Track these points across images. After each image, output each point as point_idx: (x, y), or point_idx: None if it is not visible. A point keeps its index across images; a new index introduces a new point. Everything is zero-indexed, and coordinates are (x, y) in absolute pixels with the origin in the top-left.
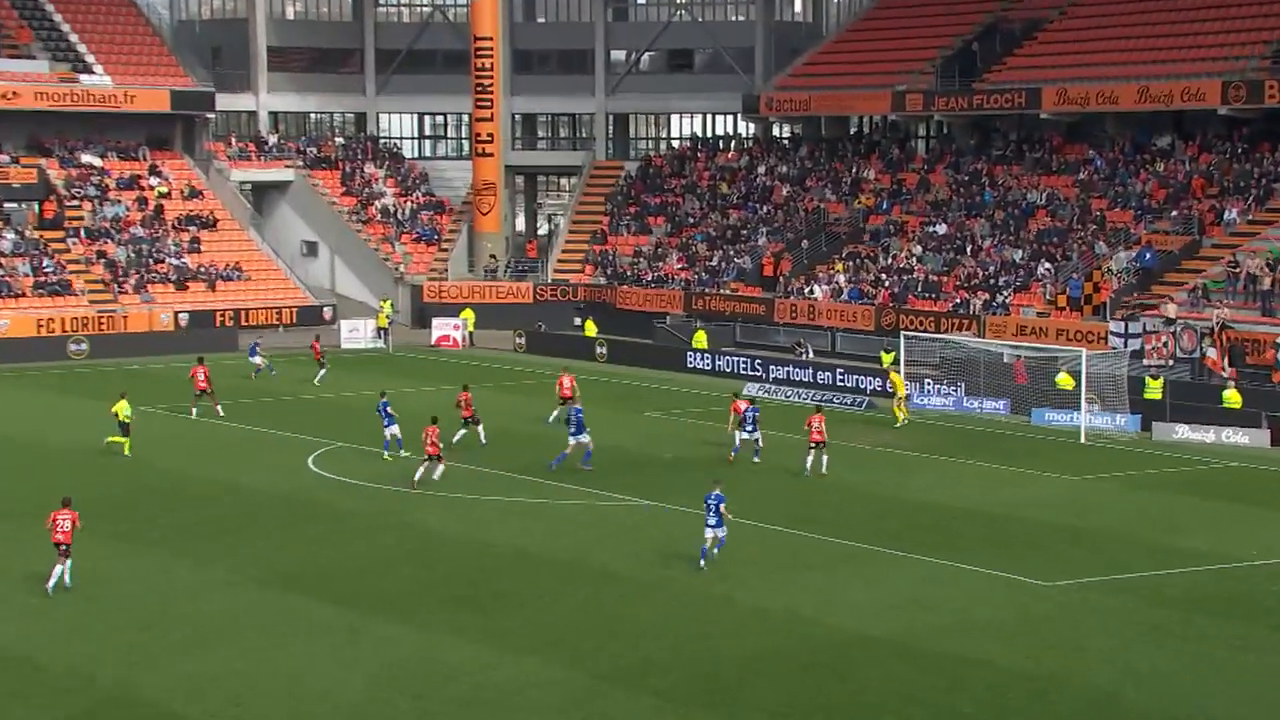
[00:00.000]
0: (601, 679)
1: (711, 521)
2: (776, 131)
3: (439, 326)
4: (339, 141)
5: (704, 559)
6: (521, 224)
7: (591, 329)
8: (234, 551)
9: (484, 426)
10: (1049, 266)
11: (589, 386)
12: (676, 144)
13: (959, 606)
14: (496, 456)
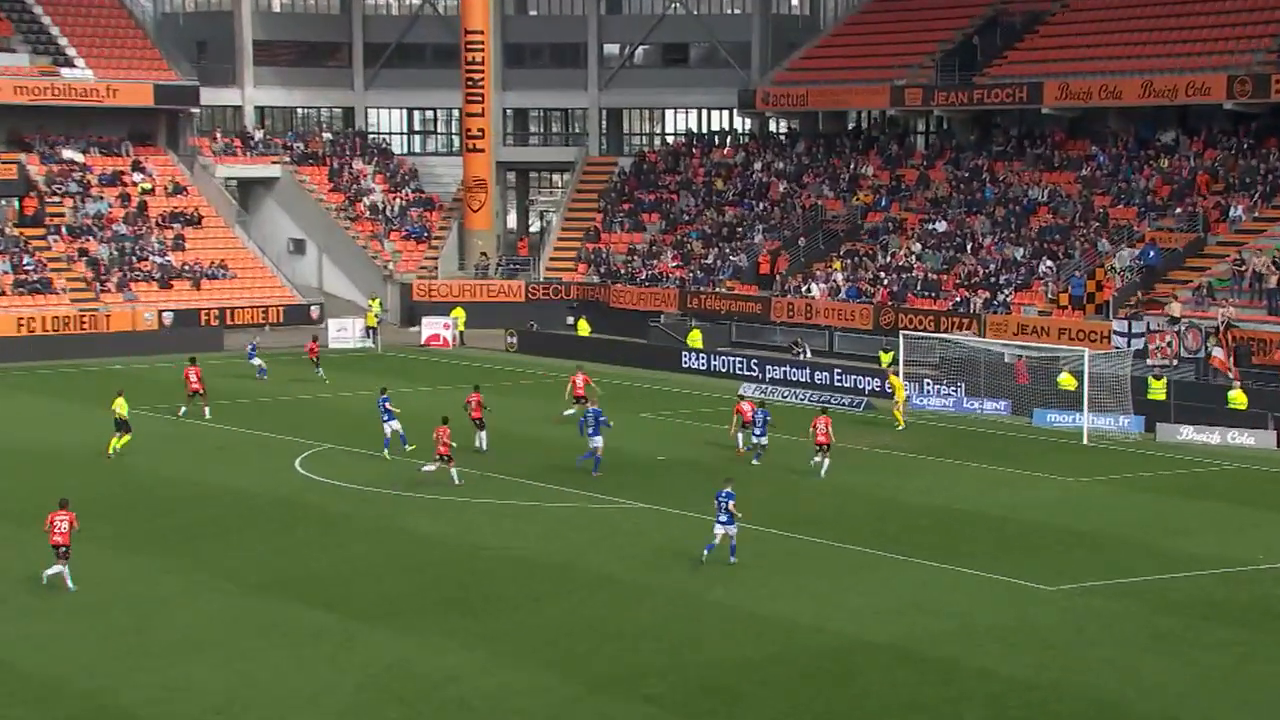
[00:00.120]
0: (594, 685)
1: (722, 519)
2: (773, 127)
3: (429, 326)
4: (327, 137)
5: (706, 552)
6: (513, 221)
7: (584, 328)
8: (220, 555)
9: (484, 431)
10: (1051, 264)
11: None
12: (671, 140)
13: (960, 611)
14: (488, 459)
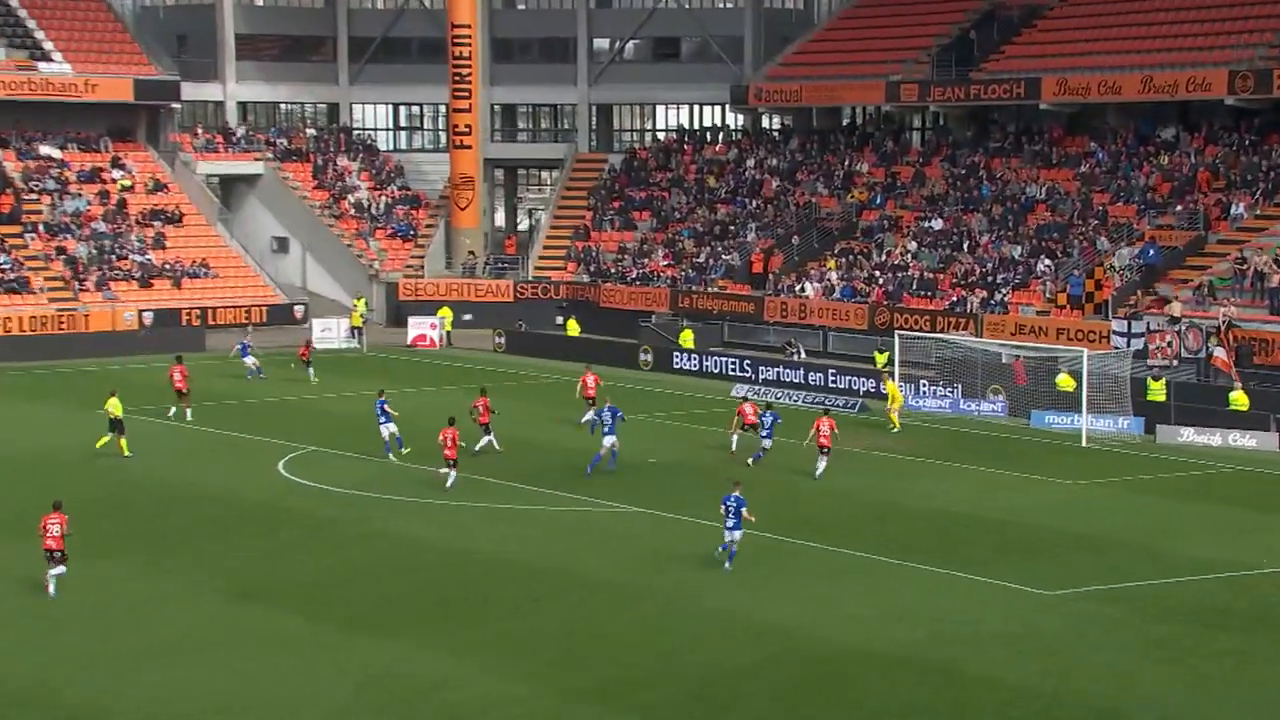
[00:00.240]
0: (587, 692)
1: (730, 524)
2: (766, 123)
3: (415, 326)
4: (310, 133)
5: (729, 561)
6: (501, 219)
7: (574, 328)
8: (203, 560)
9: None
10: (1049, 263)
11: (566, 387)
12: (662, 136)
13: (959, 617)
14: (477, 461)
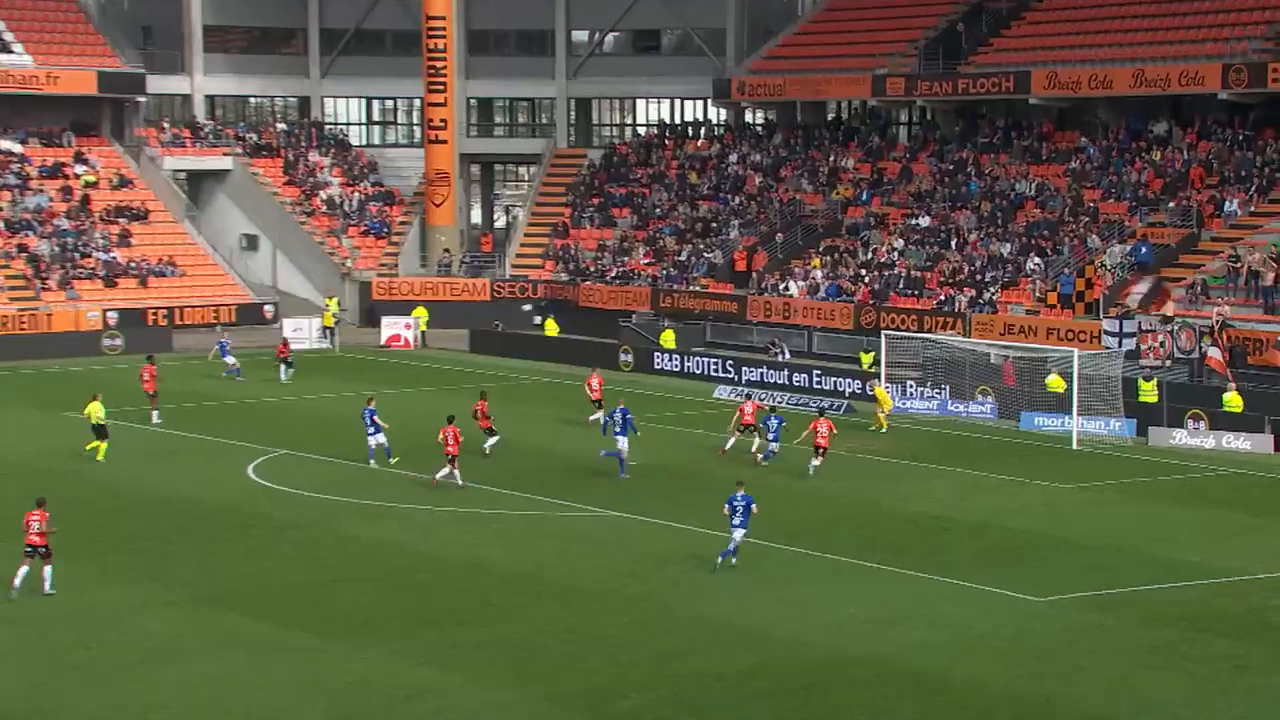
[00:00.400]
0: (565, 701)
1: (736, 521)
2: (749, 117)
3: (389, 325)
4: (281, 128)
5: (734, 559)
6: (477, 216)
7: (552, 328)
8: (171, 567)
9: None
10: (1039, 261)
11: (549, 388)
12: (643, 131)
13: (946, 623)
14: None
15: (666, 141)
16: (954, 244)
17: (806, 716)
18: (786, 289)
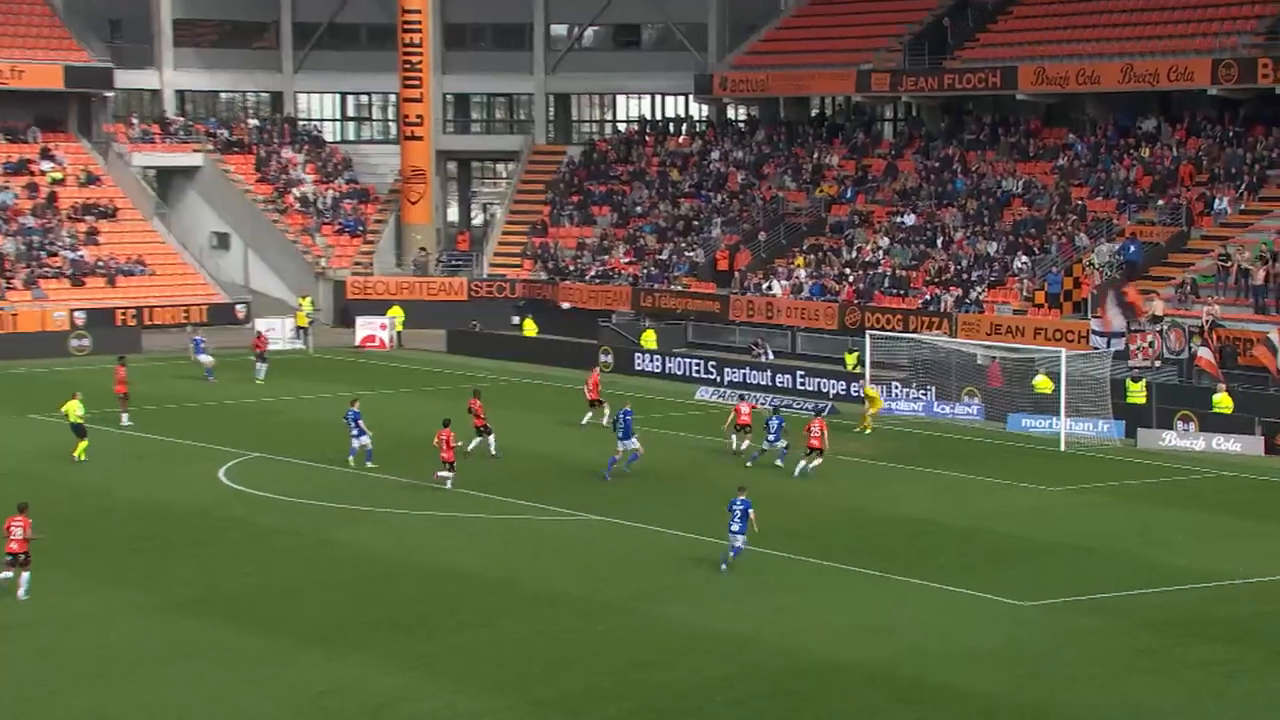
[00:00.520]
0: (543, 709)
1: (735, 528)
2: (731, 114)
3: (364, 326)
4: (253, 123)
5: (724, 563)
6: (454, 214)
7: (531, 328)
8: (140, 573)
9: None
10: (1026, 260)
11: (526, 390)
12: (623, 127)
13: (932, 629)
14: (428, 466)
15: (647, 138)
16: (940, 242)
17: None
18: (769, 288)
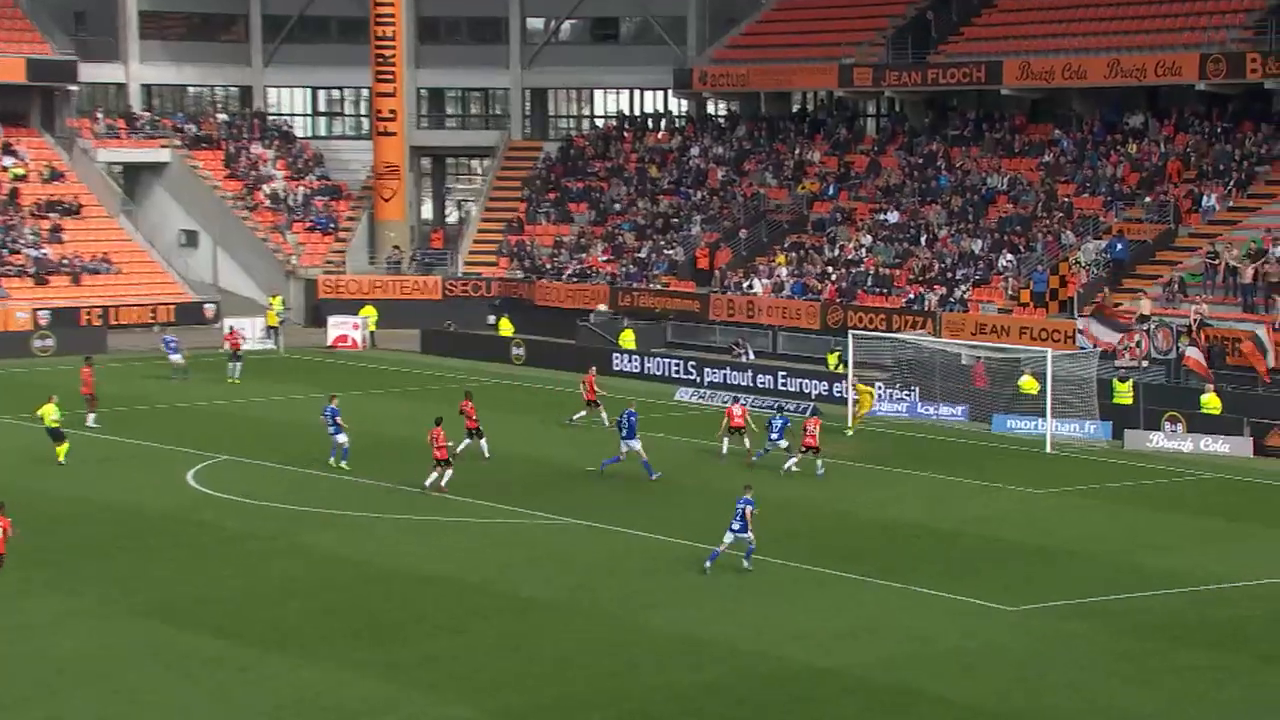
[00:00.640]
0: (525, 714)
1: (735, 526)
2: (711, 109)
3: (336, 325)
4: (221, 118)
5: (710, 561)
6: (428, 211)
7: (507, 328)
8: (104, 578)
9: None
10: (1011, 258)
11: (503, 391)
12: (601, 123)
13: (913, 635)
14: (402, 470)
15: (625, 134)
16: (924, 240)
17: None
18: (750, 287)
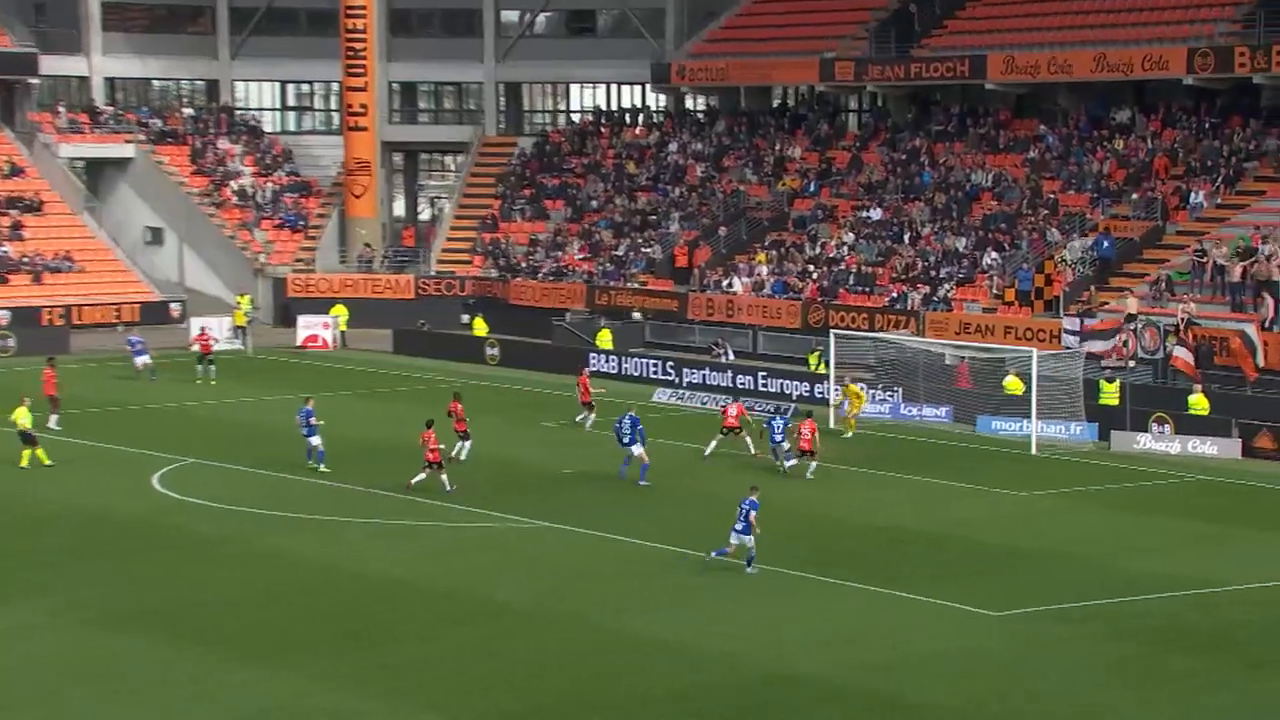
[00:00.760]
0: None
1: (739, 527)
2: (690, 103)
3: (306, 325)
4: (187, 113)
5: (715, 555)
6: (400, 208)
7: (481, 327)
8: (63, 585)
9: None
10: (996, 256)
11: (477, 391)
12: (577, 118)
13: (897, 640)
14: (372, 472)
15: (602, 129)
16: (907, 238)
17: None
18: (730, 286)
